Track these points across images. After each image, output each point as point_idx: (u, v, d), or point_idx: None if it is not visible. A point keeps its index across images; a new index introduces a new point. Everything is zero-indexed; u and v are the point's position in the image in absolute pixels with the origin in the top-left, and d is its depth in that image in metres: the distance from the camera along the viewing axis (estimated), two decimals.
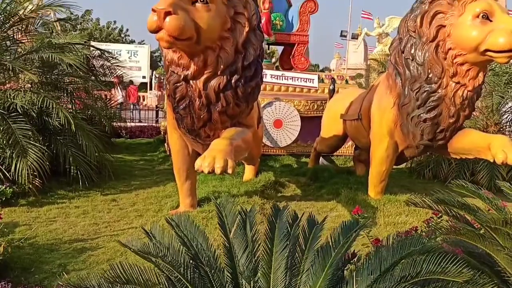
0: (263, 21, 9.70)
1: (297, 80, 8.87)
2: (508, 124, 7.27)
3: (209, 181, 6.02)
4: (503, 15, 3.89)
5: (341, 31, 48.64)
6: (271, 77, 8.77)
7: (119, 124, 11.49)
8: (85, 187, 5.79)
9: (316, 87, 8.89)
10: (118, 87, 16.27)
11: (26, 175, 5.02)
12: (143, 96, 22.66)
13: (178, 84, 3.83)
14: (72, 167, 5.73)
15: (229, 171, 3.23)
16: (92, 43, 26.53)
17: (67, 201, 5.32)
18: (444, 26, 4.14)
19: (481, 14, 3.92)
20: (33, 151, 5.08)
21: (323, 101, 8.24)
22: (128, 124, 12.79)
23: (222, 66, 3.72)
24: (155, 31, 3.31)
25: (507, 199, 3.04)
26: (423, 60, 4.26)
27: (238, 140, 3.79)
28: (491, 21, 3.91)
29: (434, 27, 4.18)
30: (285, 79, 8.81)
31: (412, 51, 4.35)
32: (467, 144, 4.42)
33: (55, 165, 5.73)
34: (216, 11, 3.53)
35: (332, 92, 7.69)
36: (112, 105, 10.43)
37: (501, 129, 7.11)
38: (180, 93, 3.85)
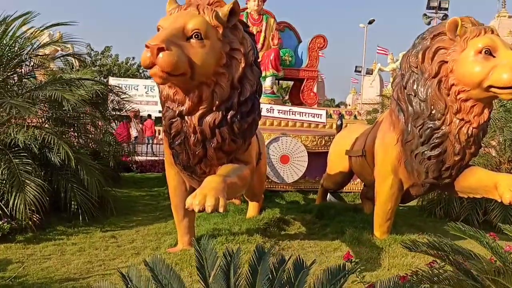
0: (272, 56, 9.82)
1: (305, 115, 8.82)
2: None
3: (211, 218, 5.89)
4: (506, 50, 3.79)
5: (356, 67, 49.14)
6: (278, 112, 8.74)
7: (132, 158, 11.56)
8: (85, 223, 5.71)
9: (324, 123, 8.81)
10: (134, 121, 16.48)
11: (24, 210, 4.97)
12: (159, 130, 22.88)
13: (173, 120, 3.78)
14: (73, 203, 5.68)
15: (220, 209, 3.11)
16: (110, 78, 27.10)
17: (65, 237, 5.23)
18: (447, 62, 4.05)
19: (484, 50, 3.83)
20: (32, 186, 5.05)
21: (331, 137, 8.14)
22: (140, 158, 12.83)
23: (217, 102, 3.66)
24: (149, 67, 3.28)
25: None
26: (425, 96, 4.15)
27: (233, 177, 3.68)
28: (494, 56, 3.81)
29: (436, 63, 4.09)
30: (292, 114, 8.77)
31: (415, 87, 4.25)
32: (474, 183, 4.24)
33: (55, 200, 5.70)
34: (211, 47, 3.50)
35: (339, 128, 7.60)
36: (121, 139, 10.53)
37: None
38: (175, 129, 3.79)
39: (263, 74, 9.92)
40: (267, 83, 10.00)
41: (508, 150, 6.84)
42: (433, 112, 4.14)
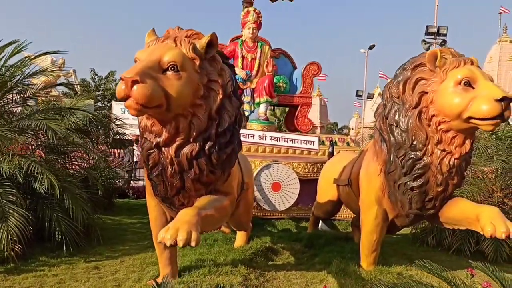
0: (266, 83, 9.88)
1: (297, 142, 8.80)
2: None
3: (198, 248, 5.80)
4: (485, 81, 3.78)
5: (357, 91, 49.42)
6: (271, 139, 8.73)
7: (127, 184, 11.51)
8: (69, 253, 5.63)
9: (317, 149, 8.79)
10: (136, 146, 16.48)
11: (6, 241, 4.91)
12: None
13: (151, 151, 3.76)
14: (57, 232, 5.61)
15: (192, 243, 3.05)
16: (114, 102, 27.24)
17: (47, 268, 5.13)
18: (427, 93, 4.04)
19: (463, 81, 3.82)
20: (15, 216, 5.01)
21: (323, 164, 8.09)
22: (138, 184, 12.77)
23: (194, 133, 3.64)
24: (124, 99, 3.28)
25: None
26: (407, 127, 4.13)
27: (210, 209, 3.63)
28: (473, 88, 3.79)
29: (416, 94, 4.08)
30: (285, 141, 8.76)
31: (396, 117, 4.23)
32: (457, 214, 4.17)
33: (40, 230, 5.63)
34: (187, 79, 3.50)
35: (330, 155, 7.57)
36: (116, 165, 10.51)
37: (508, 195, 6.78)
38: (152, 160, 3.77)
39: (257, 101, 9.99)
40: (261, 109, 10.05)
41: (501, 178, 6.77)
42: (414, 142, 4.11)
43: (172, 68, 3.44)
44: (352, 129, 46.82)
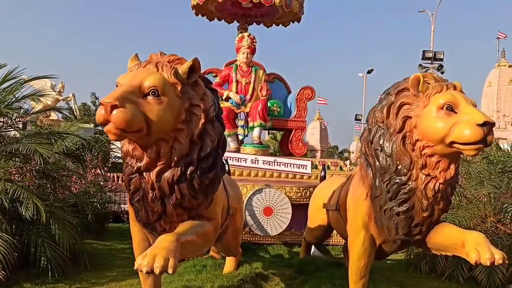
0: (259, 107, 9.91)
1: (290, 166, 8.77)
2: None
3: (184, 274, 5.75)
4: (467, 106, 3.77)
5: (356, 115, 49.58)
6: (263, 163, 8.70)
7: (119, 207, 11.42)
8: (54, 279, 5.55)
9: (309, 173, 8.75)
10: None
11: None
12: None
13: (132, 176, 3.73)
14: (42, 258, 5.54)
15: (169, 271, 3.01)
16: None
17: None
18: (410, 117, 4.03)
19: (446, 106, 3.81)
20: None
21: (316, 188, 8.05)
22: None
23: (176, 158, 3.62)
24: (103, 124, 3.28)
25: None
26: (391, 151, 4.11)
27: (190, 235, 3.59)
28: (456, 112, 3.78)
29: (400, 118, 4.07)
30: (277, 165, 8.73)
31: (381, 141, 4.21)
32: (444, 240, 4.10)
33: (25, 256, 5.56)
34: (168, 103, 3.50)
35: (322, 179, 7.52)
36: (109, 189, 10.46)
37: (501, 220, 6.71)
38: (134, 185, 3.74)
39: (251, 125, 10.00)
40: (254, 133, 10.06)
41: (494, 202, 6.71)
42: (399, 167, 4.08)
43: (153, 93, 3.44)
44: (353, 152, 46.76)
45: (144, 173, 3.67)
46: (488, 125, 3.59)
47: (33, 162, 6.51)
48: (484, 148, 3.86)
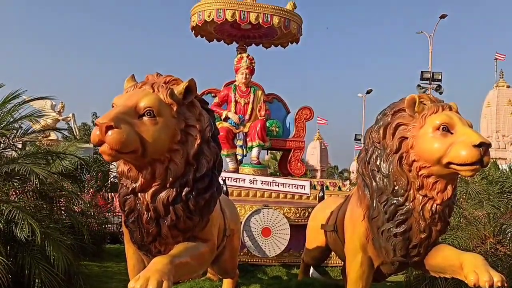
0: (258, 127, 9.93)
1: (288, 186, 8.73)
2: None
3: None
4: (463, 127, 3.78)
5: (355, 135, 49.68)
6: (261, 183, 8.67)
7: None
8: None
9: (308, 194, 8.71)
10: None
11: None
12: None
13: (127, 197, 3.71)
14: (36, 280, 5.47)
15: None
16: None
17: None
18: (407, 138, 4.03)
19: (441, 127, 3.82)
20: None
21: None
22: None
23: (171, 179, 3.61)
24: (98, 144, 3.29)
25: None
26: (388, 172, 4.10)
27: (185, 257, 3.56)
28: (452, 133, 3.79)
29: (397, 139, 4.07)
30: (275, 185, 8.69)
31: (378, 162, 4.20)
32: (441, 262, 4.06)
33: (19, 278, 5.49)
34: (164, 124, 3.51)
35: (321, 200, 7.48)
36: (106, 209, 10.40)
37: (501, 241, 6.64)
38: (128, 206, 3.72)
39: (250, 145, 10.01)
40: (253, 153, 10.07)
41: (493, 223, 6.65)
42: (396, 188, 4.06)
43: (149, 114, 3.45)
44: (353, 172, 46.70)
45: (139, 194, 3.65)
46: (484, 146, 3.59)
47: (30, 182, 6.50)
48: (481, 169, 3.84)
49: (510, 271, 5.89)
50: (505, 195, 6.67)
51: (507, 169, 7.27)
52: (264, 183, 8.68)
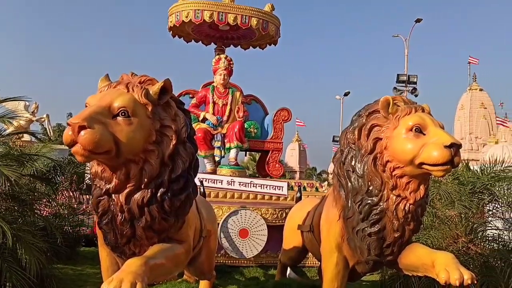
0: (236, 129, 9.91)
1: (266, 187, 8.75)
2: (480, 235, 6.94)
3: None
4: (435, 128, 3.86)
5: (333, 137, 50.08)
6: (239, 184, 8.67)
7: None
8: None
9: (285, 195, 8.74)
10: None
11: None
12: None
13: (101, 198, 3.65)
14: (8, 284, 5.33)
15: None
16: None
17: None
18: (381, 139, 4.10)
19: (414, 128, 3.89)
20: None
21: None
22: None
23: (146, 179, 3.57)
24: (70, 145, 3.23)
25: None
26: (362, 172, 4.15)
27: (160, 258, 3.52)
28: (424, 134, 3.86)
29: (371, 140, 4.14)
30: (253, 186, 8.70)
31: (353, 163, 4.26)
32: (414, 261, 4.14)
33: None
34: (138, 124, 3.47)
35: (298, 200, 7.53)
36: (81, 211, 10.22)
37: (473, 240, 6.79)
38: (102, 208, 3.66)
39: (228, 146, 9.98)
40: (231, 155, 10.04)
41: (464, 223, 6.80)
42: (370, 188, 4.12)
43: (123, 114, 3.41)
44: (331, 173, 47.07)
45: (113, 195, 3.60)
46: (455, 147, 3.68)
47: (0, 185, 6.34)
48: (452, 169, 3.92)
49: (481, 270, 6.03)
50: (476, 196, 6.82)
51: (478, 170, 7.44)
52: (242, 184, 8.68)
